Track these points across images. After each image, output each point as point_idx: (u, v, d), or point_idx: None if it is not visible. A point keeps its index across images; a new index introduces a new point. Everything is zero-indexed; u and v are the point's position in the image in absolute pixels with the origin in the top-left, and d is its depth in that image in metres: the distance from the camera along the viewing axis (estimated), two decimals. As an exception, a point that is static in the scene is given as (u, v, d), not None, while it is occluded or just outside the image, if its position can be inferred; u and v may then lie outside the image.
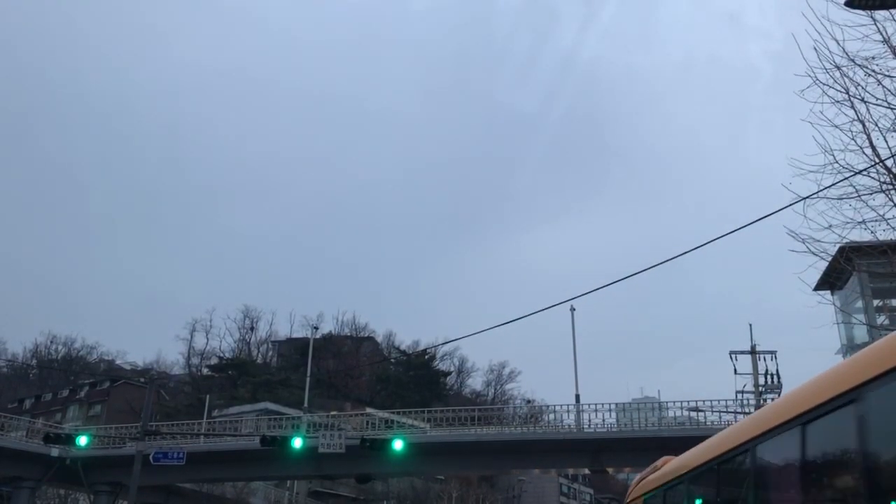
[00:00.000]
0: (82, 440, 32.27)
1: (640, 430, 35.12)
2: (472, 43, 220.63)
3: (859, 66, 11.09)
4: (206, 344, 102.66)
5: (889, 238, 11.92)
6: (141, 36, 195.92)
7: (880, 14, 10.78)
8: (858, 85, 11.21)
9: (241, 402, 77.36)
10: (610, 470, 59.60)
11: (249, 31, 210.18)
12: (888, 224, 11.45)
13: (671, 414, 38.63)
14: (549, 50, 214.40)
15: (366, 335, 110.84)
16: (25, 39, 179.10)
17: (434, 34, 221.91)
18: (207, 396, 68.30)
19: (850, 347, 31.72)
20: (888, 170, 11.12)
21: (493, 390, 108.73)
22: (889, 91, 11.02)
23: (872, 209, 11.42)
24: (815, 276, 17.22)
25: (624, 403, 37.38)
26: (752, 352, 36.86)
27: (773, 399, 35.33)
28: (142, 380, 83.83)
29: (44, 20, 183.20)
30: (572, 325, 40.58)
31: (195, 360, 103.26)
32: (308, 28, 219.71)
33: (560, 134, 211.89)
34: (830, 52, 11.20)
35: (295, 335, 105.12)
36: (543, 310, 18.86)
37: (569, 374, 62.63)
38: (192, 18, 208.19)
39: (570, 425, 35.76)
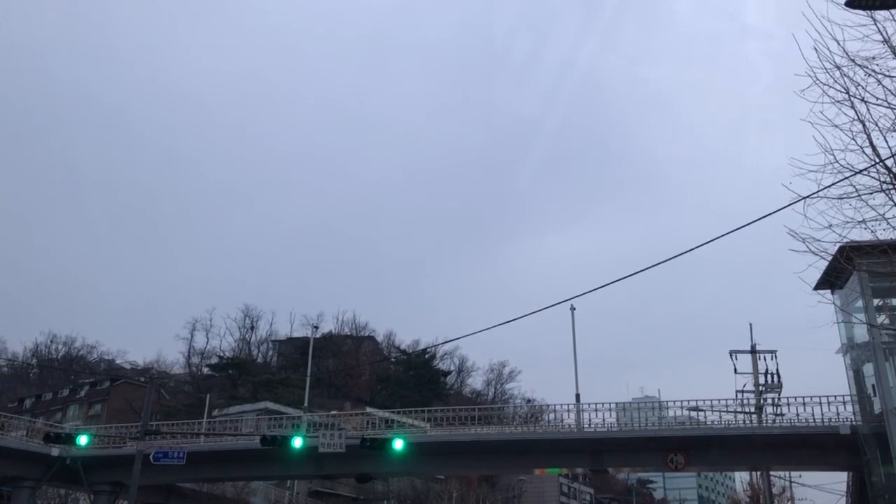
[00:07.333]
0: (82, 440, 32.24)
1: (640, 429, 35.06)
2: (473, 48, 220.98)
3: (859, 66, 11.10)
4: (207, 343, 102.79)
5: (889, 238, 11.92)
6: (142, 37, 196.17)
7: (880, 14, 10.79)
8: (858, 85, 11.21)
9: (242, 402, 77.33)
10: (610, 470, 59.68)
11: (253, 36, 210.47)
12: (888, 223, 11.45)
13: (671, 414, 38.57)
14: (549, 54, 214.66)
15: (366, 335, 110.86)
16: (28, 41, 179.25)
17: (436, 40, 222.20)
18: (208, 396, 68.27)
19: (850, 347, 31.71)
20: (888, 169, 11.13)
21: (493, 390, 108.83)
22: (889, 91, 11.02)
23: (872, 209, 11.44)
24: (816, 275, 17.23)
25: (624, 403, 37.25)
26: (753, 351, 36.86)
27: (773, 399, 35.33)
28: (142, 379, 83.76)
29: (46, 21, 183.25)
30: (572, 324, 40.50)
31: (195, 360, 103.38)
32: (310, 33, 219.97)
33: (561, 136, 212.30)
34: (830, 52, 11.21)
35: (295, 335, 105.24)
36: (543, 309, 18.89)
37: (569, 373, 62.68)
38: (197, 22, 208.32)
39: (570, 425, 35.66)
